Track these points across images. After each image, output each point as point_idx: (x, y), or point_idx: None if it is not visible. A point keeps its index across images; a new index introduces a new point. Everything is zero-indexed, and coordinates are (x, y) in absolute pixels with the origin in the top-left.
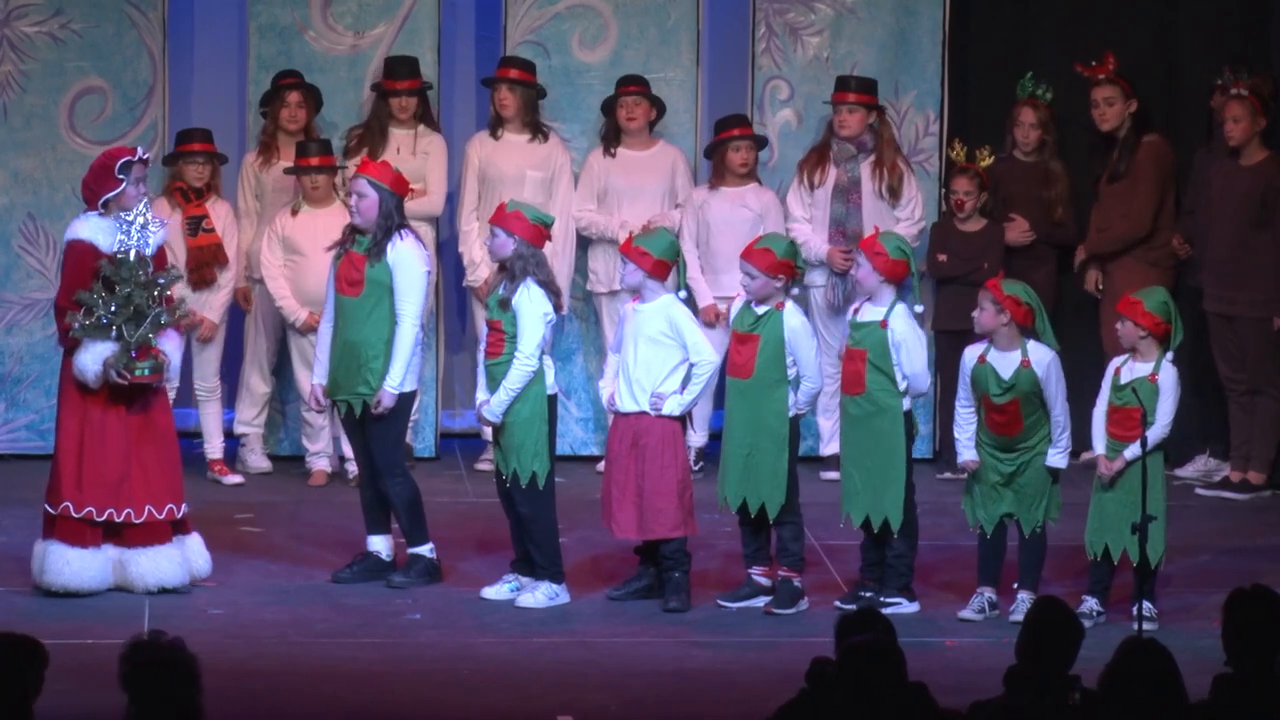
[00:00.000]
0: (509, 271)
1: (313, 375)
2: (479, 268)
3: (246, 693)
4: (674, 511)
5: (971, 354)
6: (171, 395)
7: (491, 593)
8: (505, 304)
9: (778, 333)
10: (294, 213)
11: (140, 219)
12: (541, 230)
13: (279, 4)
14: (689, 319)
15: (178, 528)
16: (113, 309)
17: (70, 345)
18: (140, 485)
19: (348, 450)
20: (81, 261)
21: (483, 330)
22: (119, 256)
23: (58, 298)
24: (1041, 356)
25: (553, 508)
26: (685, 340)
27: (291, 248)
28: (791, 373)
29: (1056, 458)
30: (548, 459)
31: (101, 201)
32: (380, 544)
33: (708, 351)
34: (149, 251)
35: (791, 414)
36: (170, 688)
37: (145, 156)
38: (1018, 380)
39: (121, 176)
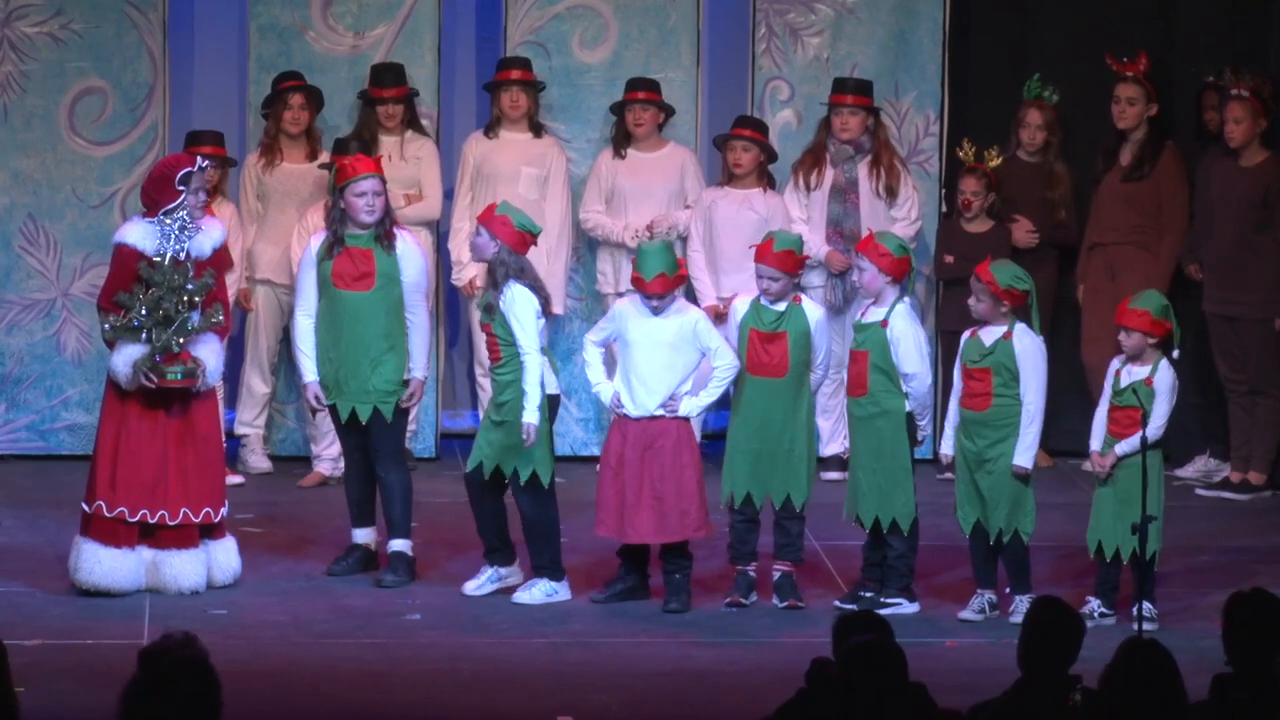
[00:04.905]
0: (491, 277)
1: (303, 374)
2: (466, 267)
3: (247, 693)
4: (696, 512)
5: (968, 332)
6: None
7: (472, 587)
8: (490, 309)
9: (803, 326)
10: (328, 209)
11: (179, 222)
12: (526, 238)
13: (279, 5)
14: (709, 322)
15: (208, 532)
16: (144, 312)
17: (111, 346)
18: (177, 488)
19: (320, 451)
20: (124, 265)
21: (476, 333)
22: (155, 260)
23: (99, 299)
24: (1024, 336)
25: (554, 506)
26: (707, 344)
27: None
28: None
29: (1021, 455)
30: (549, 459)
31: (163, 212)
32: (365, 536)
33: (729, 354)
34: (183, 255)
35: None
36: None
37: (205, 165)
38: (996, 349)
39: (181, 188)
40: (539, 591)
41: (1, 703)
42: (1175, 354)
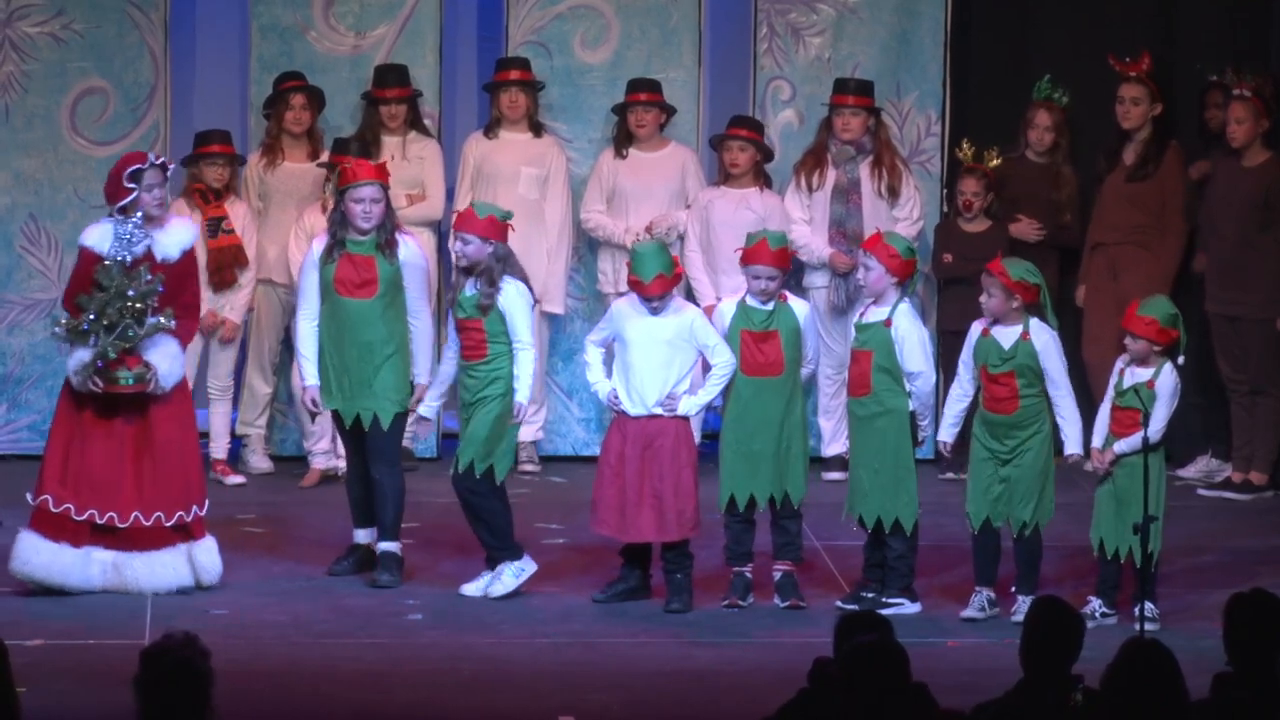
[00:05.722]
0: (486, 275)
1: (304, 377)
2: None
3: (248, 693)
4: (693, 511)
5: (976, 328)
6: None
7: (471, 589)
8: (486, 308)
9: (793, 323)
10: (324, 209)
11: (134, 223)
12: (507, 227)
13: (281, 4)
14: (706, 321)
15: (184, 533)
16: (92, 316)
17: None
18: (133, 491)
19: (311, 446)
20: (85, 266)
21: None
22: (105, 264)
23: (62, 299)
24: (1041, 332)
25: (504, 496)
26: (705, 342)
27: None
28: None
29: (1074, 445)
30: (511, 458)
31: (118, 210)
32: (367, 536)
33: (726, 352)
34: (131, 259)
35: None
36: (181, 698)
37: (161, 161)
38: (1017, 352)
39: (131, 185)
40: (509, 578)
41: (3, 702)
42: (1181, 360)
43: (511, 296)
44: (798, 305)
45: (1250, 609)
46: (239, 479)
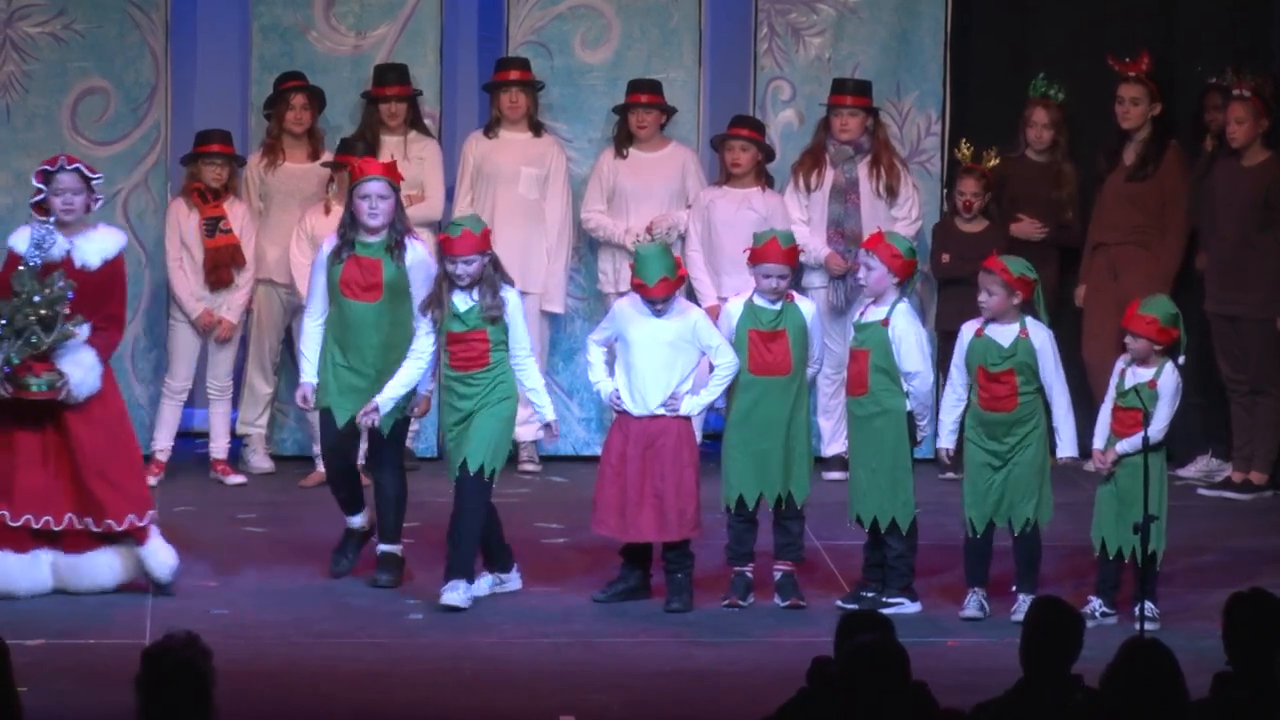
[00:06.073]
0: (488, 285)
1: (302, 373)
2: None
3: (248, 693)
4: (694, 511)
5: (969, 329)
6: (181, 398)
7: (474, 588)
8: (495, 319)
9: (801, 322)
10: (326, 210)
11: (44, 230)
12: (492, 232)
13: (281, 5)
14: (709, 322)
15: (123, 536)
16: (3, 322)
17: None
18: (65, 495)
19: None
20: (7, 270)
21: None
22: (20, 269)
23: None
24: (1038, 330)
25: (490, 504)
26: (707, 343)
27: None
28: None
29: (1069, 447)
30: (505, 458)
31: (30, 205)
32: (359, 521)
33: (729, 353)
34: (39, 263)
35: None
36: (183, 698)
37: (76, 166)
38: (1017, 349)
39: (41, 186)
40: (462, 592)
41: (3, 702)
42: (1181, 359)
43: (514, 305)
44: (805, 305)
45: (1250, 609)
46: (240, 479)
